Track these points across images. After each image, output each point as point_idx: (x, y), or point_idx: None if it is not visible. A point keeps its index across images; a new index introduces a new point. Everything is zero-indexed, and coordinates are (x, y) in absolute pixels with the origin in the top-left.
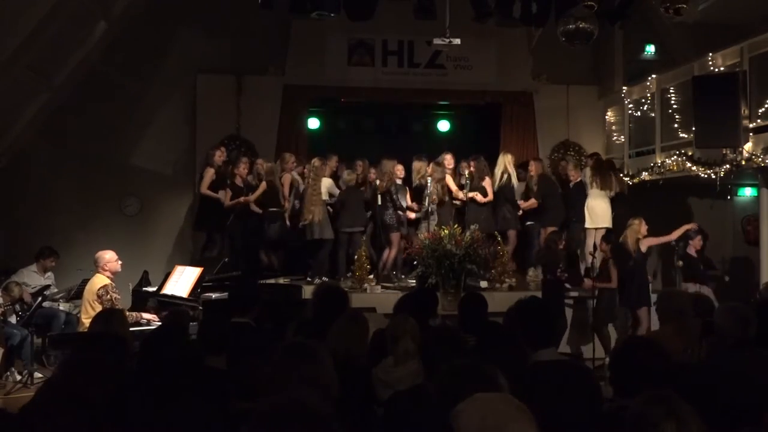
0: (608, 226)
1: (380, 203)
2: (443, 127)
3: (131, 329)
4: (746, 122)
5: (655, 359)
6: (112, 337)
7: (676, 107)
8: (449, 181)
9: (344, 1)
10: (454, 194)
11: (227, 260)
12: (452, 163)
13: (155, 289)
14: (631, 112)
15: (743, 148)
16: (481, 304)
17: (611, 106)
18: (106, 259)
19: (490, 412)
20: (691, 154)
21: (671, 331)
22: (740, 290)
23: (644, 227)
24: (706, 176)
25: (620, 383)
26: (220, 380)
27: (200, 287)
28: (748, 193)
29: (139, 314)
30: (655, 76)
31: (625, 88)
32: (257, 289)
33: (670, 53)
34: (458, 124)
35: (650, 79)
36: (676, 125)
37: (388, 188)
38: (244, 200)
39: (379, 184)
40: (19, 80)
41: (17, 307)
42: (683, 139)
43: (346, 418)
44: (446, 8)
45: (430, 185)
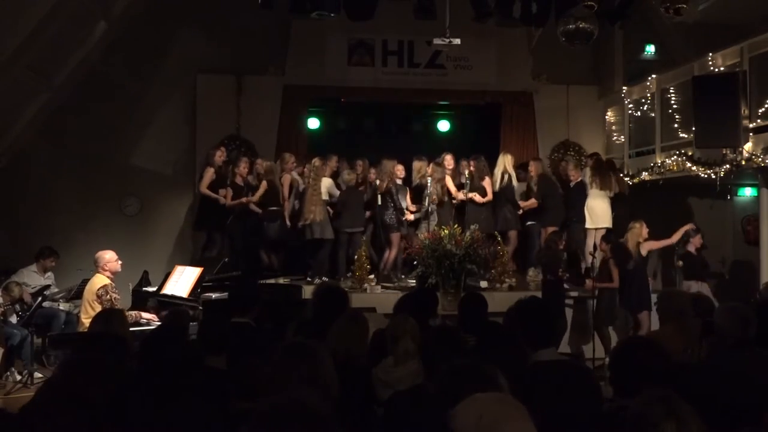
0: (608, 226)
1: (380, 203)
2: (443, 127)
3: (131, 329)
4: (746, 122)
5: (655, 359)
6: (112, 337)
7: (676, 107)
8: (448, 181)
9: (344, 1)
10: (453, 195)
11: (227, 260)
12: (452, 163)
13: (155, 289)
14: (631, 112)
15: (743, 148)
16: (481, 304)
17: (611, 106)
18: (106, 259)
19: (486, 411)
20: (691, 154)
21: (671, 331)
22: (740, 290)
23: (645, 230)
24: (706, 176)
25: (620, 383)
26: (220, 380)
27: (200, 287)
28: (748, 193)
29: (138, 314)
30: (655, 76)
31: (625, 88)
32: (257, 289)
33: (670, 53)
34: (458, 124)
35: (650, 79)
36: (676, 125)
37: (388, 188)
38: (246, 201)
39: (379, 184)
40: (19, 80)
41: (17, 307)
42: (683, 139)
43: (346, 418)
44: (446, 8)
45: (430, 185)
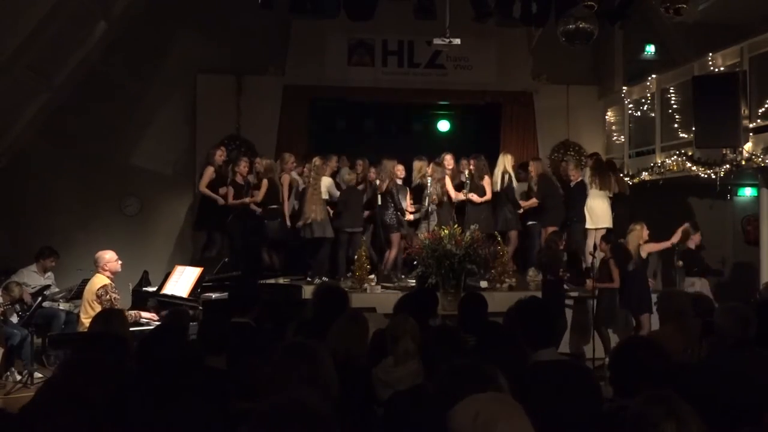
0: (608, 226)
1: (380, 203)
2: (443, 127)
3: (131, 329)
4: (746, 122)
5: (655, 359)
6: (112, 337)
7: (676, 107)
8: (447, 182)
9: (344, 1)
10: (452, 197)
11: (227, 260)
12: (452, 163)
13: (155, 289)
14: (631, 112)
15: (743, 148)
16: (481, 304)
17: (611, 106)
18: (106, 259)
19: (482, 409)
20: (691, 154)
21: (671, 331)
22: (740, 290)
23: (645, 232)
24: (706, 176)
25: (620, 383)
26: (220, 380)
27: (200, 287)
28: (748, 193)
29: (137, 313)
30: (655, 76)
31: (625, 88)
32: (257, 289)
33: (670, 53)
34: (458, 124)
35: (650, 79)
36: (676, 125)
37: (389, 188)
38: (250, 201)
39: (379, 184)
40: (19, 80)
41: (17, 307)
42: (683, 139)
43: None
44: (446, 8)
45: (429, 185)
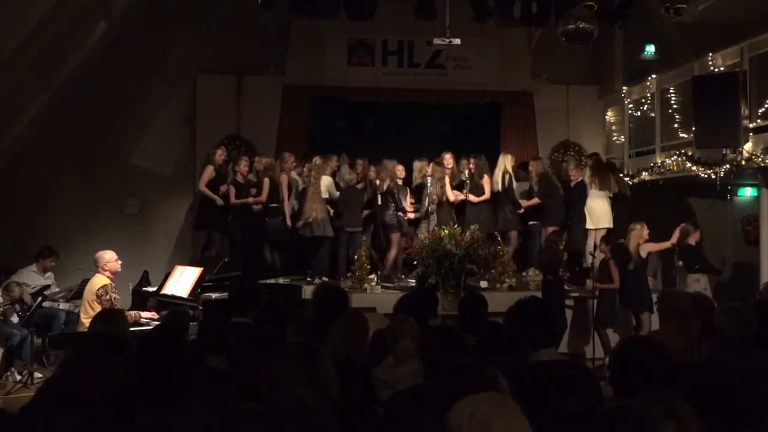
0: (608, 226)
1: (380, 203)
2: (443, 127)
3: (131, 329)
4: (746, 122)
5: (655, 359)
6: (112, 337)
7: (676, 107)
8: (446, 182)
9: (344, 1)
10: (452, 197)
11: (227, 260)
12: (451, 162)
13: (155, 289)
14: (631, 112)
15: (743, 148)
16: (481, 304)
17: (611, 106)
18: (106, 259)
19: (478, 408)
20: (691, 154)
21: (671, 330)
22: (740, 290)
23: (646, 232)
24: (706, 176)
25: (620, 383)
26: (220, 380)
27: (200, 287)
28: (748, 193)
29: (138, 314)
30: (655, 76)
31: (625, 88)
32: (257, 289)
33: (670, 53)
34: (458, 124)
35: (650, 79)
36: (676, 125)
37: (389, 188)
38: (253, 201)
39: (379, 184)
40: (19, 80)
41: (17, 307)
42: (683, 139)
43: (346, 418)
44: (446, 8)
45: (430, 185)
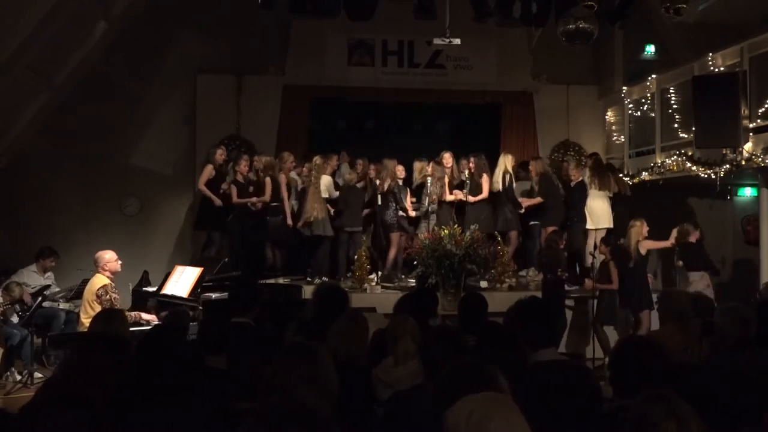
0: (609, 226)
1: (380, 203)
2: (443, 127)
3: (131, 329)
4: (746, 122)
5: (655, 359)
6: (112, 337)
7: (676, 107)
8: (445, 182)
9: (344, 1)
10: (452, 196)
11: (227, 260)
12: (450, 161)
13: (155, 289)
14: (631, 112)
15: (743, 148)
16: (481, 304)
17: (611, 106)
18: (105, 259)
19: (476, 408)
20: (691, 154)
21: (671, 331)
22: (740, 290)
23: (645, 228)
24: (706, 176)
25: (620, 383)
26: (220, 380)
27: (200, 287)
28: (748, 193)
29: (138, 314)
30: (655, 76)
31: (625, 88)
32: (257, 289)
33: (670, 53)
34: (458, 124)
35: (650, 79)
36: (676, 125)
37: (390, 188)
38: (257, 201)
39: (380, 184)
40: (19, 80)
41: (17, 307)
42: (683, 139)
43: (346, 418)
44: (446, 8)
45: (430, 184)
